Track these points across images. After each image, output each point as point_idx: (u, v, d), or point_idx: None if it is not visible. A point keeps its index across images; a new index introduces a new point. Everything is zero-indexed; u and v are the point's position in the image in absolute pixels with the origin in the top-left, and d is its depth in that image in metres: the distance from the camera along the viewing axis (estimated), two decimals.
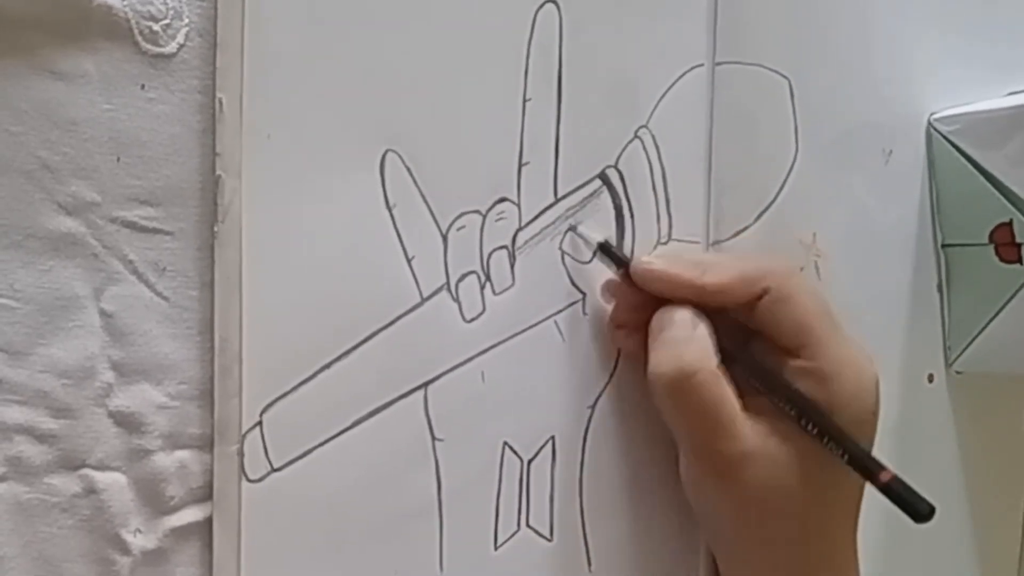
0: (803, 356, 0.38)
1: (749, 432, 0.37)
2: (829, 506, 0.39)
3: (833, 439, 0.37)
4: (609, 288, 0.41)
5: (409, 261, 0.36)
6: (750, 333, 0.40)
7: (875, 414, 0.39)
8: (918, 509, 0.35)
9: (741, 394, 0.38)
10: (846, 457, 0.37)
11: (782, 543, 0.39)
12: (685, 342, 0.37)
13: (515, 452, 0.39)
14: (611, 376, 0.41)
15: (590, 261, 0.40)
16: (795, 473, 0.37)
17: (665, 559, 0.43)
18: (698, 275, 0.38)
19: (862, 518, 0.40)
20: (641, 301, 0.39)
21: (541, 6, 0.38)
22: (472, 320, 0.37)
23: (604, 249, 0.40)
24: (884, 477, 0.36)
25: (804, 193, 0.45)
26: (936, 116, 0.50)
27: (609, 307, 0.41)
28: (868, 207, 0.48)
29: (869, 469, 0.36)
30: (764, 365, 0.39)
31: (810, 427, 0.37)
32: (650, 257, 0.39)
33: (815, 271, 0.46)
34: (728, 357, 0.38)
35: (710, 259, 0.39)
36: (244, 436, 0.33)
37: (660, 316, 0.39)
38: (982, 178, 0.48)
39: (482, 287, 0.38)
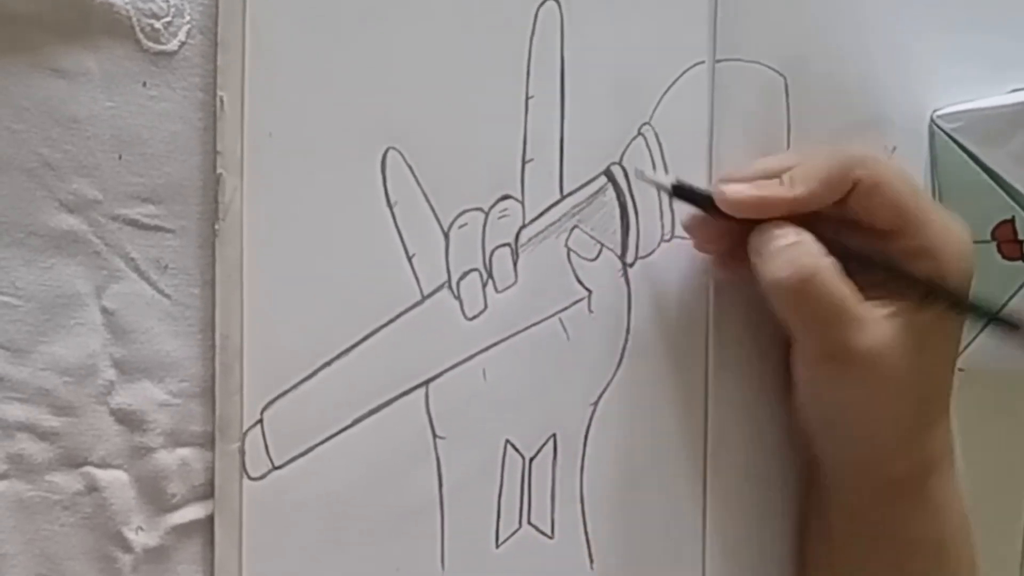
0: (905, 237, 0.39)
1: (876, 322, 0.38)
2: (941, 369, 0.41)
3: (969, 310, 0.39)
4: (692, 225, 0.41)
5: (410, 259, 0.36)
6: (840, 223, 0.40)
7: (973, 273, 0.40)
8: None
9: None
10: (985, 320, 0.39)
11: (902, 415, 0.40)
12: (795, 246, 0.38)
13: (517, 450, 0.39)
14: (614, 373, 0.41)
15: (596, 258, 0.40)
16: (920, 351, 0.38)
17: (667, 557, 0.43)
18: (787, 190, 0.38)
19: None
20: (728, 228, 0.40)
21: (542, 4, 0.38)
22: (473, 318, 0.37)
23: (680, 189, 0.40)
24: None
25: None
26: (938, 113, 0.50)
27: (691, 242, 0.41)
28: None
29: (1014, 325, 0.39)
30: (877, 255, 0.39)
31: (941, 302, 0.38)
32: (735, 186, 0.39)
33: None
34: (838, 258, 0.38)
35: (790, 165, 0.39)
36: (245, 434, 0.33)
37: (758, 235, 0.39)
38: (984, 175, 0.48)
39: (484, 285, 0.38)
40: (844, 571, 0.43)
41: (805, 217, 0.39)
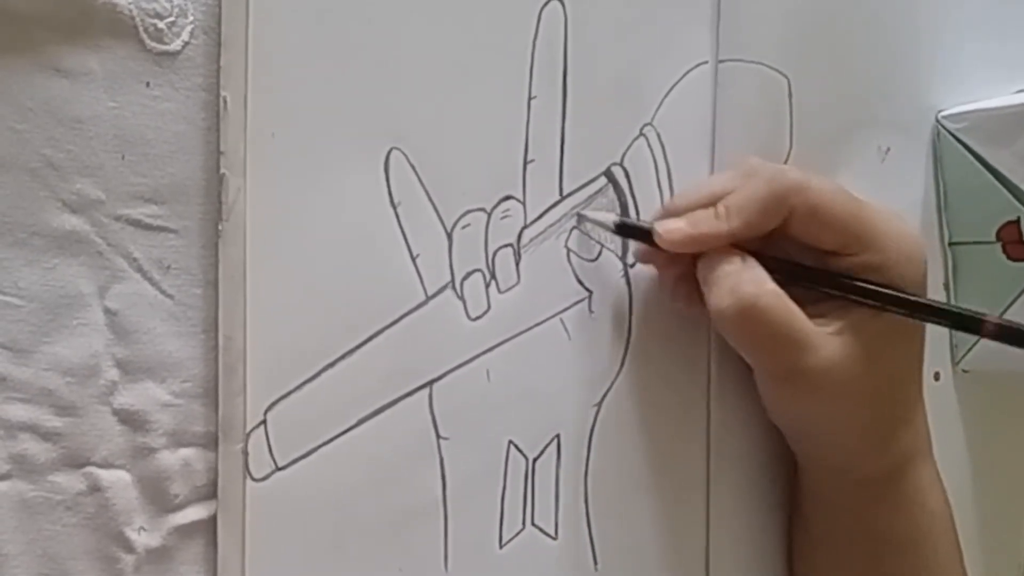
0: (851, 254, 0.39)
1: (825, 340, 0.38)
2: (905, 370, 0.41)
3: (928, 313, 0.38)
4: (643, 256, 0.41)
5: (413, 259, 0.36)
6: (789, 242, 0.40)
7: (925, 272, 0.40)
8: None
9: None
10: (946, 323, 0.39)
11: (866, 421, 0.40)
12: (737, 273, 0.38)
13: (520, 451, 0.39)
14: (617, 374, 0.41)
15: (596, 259, 0.40)
16: (876, 359, 0.39)
17: (671, 557, 0.43)
18: (722, 224, 0.38)
19: None
20: (678, 256, 0.40)
21: (546, 4, 0.38)
22: (477, 318, 0.37)
23: (623, 228, 0.40)
24: (989, 327, 0.37)
25: None
26: (943, 113, 0.49)
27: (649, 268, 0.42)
28: None
29: (975, 326, 0.38)
30: (831, 273, 0.39)
31: (900, 311, 0.38)
32: (669, 224, 0.39)
33: None
34: (785, 278, 0.38)
35: (727, 189, 0.39)
36: (248, 435, 0.33)
37: (704, 263, 0.39)
38: (989, 175, 0.48)
39: (487, 285, 0.38)
40: (824, 566, 0.44)
41: (752, 240, 0.39)
